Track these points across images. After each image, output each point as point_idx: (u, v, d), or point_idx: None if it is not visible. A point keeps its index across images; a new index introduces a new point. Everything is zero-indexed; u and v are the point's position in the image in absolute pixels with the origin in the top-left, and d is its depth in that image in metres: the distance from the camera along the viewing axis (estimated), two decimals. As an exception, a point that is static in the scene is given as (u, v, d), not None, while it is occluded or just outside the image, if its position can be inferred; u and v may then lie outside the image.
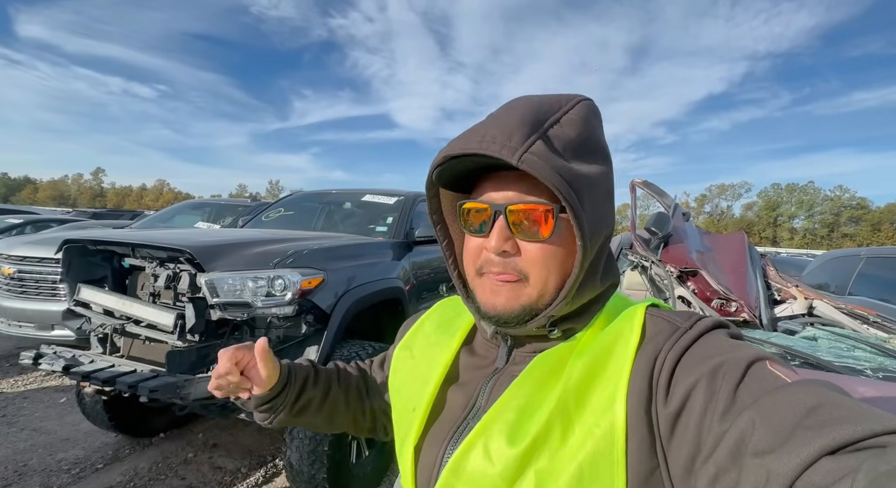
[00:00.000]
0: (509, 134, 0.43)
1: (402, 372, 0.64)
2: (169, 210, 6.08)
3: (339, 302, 2.09)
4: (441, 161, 0.48)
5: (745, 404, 0.36)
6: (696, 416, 0.38)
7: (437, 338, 0.63)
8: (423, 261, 2.97)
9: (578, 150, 0.46)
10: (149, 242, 1.95)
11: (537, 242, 0.47)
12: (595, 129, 0.49)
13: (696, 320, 0.47)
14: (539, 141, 0.44)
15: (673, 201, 3.10)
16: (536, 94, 0.50)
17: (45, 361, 1.86)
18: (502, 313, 0.49)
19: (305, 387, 0.67)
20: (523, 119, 0.45)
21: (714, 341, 0.44)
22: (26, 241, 3.81)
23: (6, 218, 7.23)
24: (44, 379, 3.60)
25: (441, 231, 0.57)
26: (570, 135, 0.46)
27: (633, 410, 0.42)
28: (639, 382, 0.43)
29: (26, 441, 2.66)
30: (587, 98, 0.51)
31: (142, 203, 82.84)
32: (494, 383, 0.53)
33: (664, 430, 0.41)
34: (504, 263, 0.48)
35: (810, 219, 58.82)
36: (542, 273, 0.47)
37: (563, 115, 0.47)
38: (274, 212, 3.65)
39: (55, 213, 11.84)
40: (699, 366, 0.41)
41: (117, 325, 1.98)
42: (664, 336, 0.45)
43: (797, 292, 2.43)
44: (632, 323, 0.48)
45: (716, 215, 65.42)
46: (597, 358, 0.47)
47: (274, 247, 2.14)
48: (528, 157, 0.42)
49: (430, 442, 0.54)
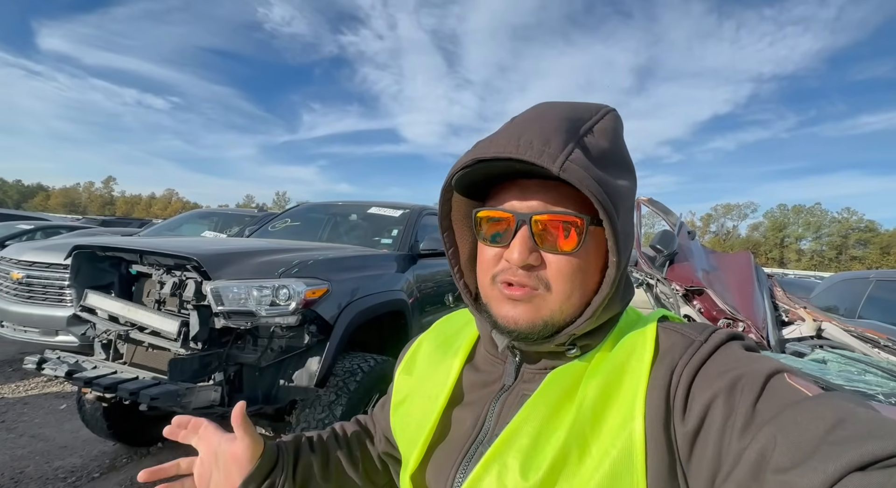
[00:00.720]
0: (546, 139, 0.41)
1: (405, 398, 0.60)
2: (177, 219, 6.16)
3: (342, 313, 2.08)
4: (469, 163, 0.45)
5: (765, 419, 0.34)
6: (715, 433, 0.37)
7: (438, 357, 0.60)
8: (427, 274, 2.97)
9: (611, 162, 0.44)
10: (156, 249, 1.97)
11: (563, 255, 0.44)
12: (623, 141, 0.48)
13: (711, 332, 0.45)
14: (577, 149, 0.41)
15: (678, 219, 3.09)
16: (561, 101, 0.48)
17: (48, 366, 1.86)
18: (523, 328, 0.46)
19: (300, 454, 0.60)
20: (559, 124, 0.43)
21: (730, 354, 0.42)
22: (36, 247, 3.86)
23: (17, 223, 7.35)
24: (45, 386, 3.59)
25: (448, 238, 0.54)
26: (603, 145, 0.44)
27: (651, 427, 0.40)
28: (655, 398, 0.41)
29: (24, 447, 2.64)
30: (613, 108, 0.49)
31: (150, 212, 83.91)
32: (503, 403, 0.50)
33: (683, 448, 0.39)
34: (527, 275, 0.45)
35: (818, 240, 58.32)
36: (567, 287, 0.45)
37: (594, 123, 0.45)
38: (280, 222, 3.69)
39: (65, 220, 12.00)
40: (716, 380, 0.39)
41: (121, 332, 1.99)
42: (679, 349, 0.44)
43: (805, 314, 2.40)
44: (644, 337, 0.46)
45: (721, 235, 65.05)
46: (611, 376, 0.45)
47: (279, 256, 2.16)
48: (569, 165, 0.40)
49: (437, 465, 0.52)
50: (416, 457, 0.53)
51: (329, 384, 1.96)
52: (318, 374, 1.93)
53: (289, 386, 1.96)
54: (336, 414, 1.91)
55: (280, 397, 1.95)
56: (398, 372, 0.64)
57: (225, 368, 1.89)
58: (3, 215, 9.29)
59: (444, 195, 0.51)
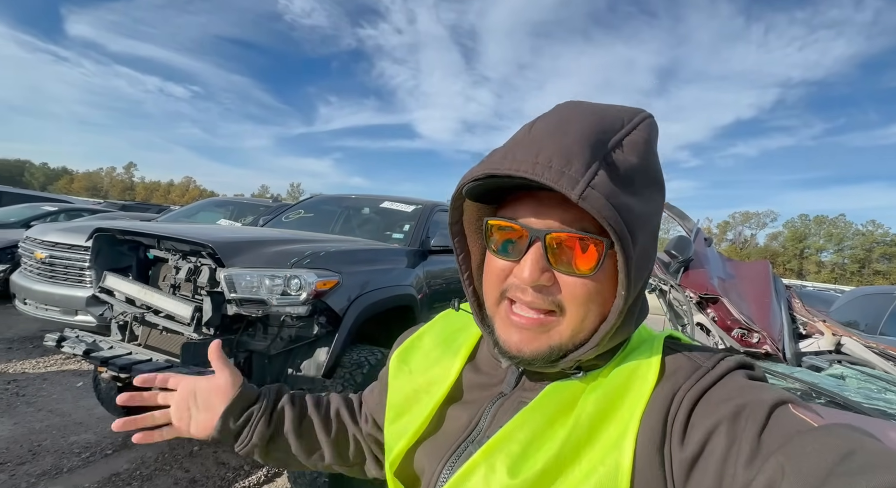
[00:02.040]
0: (568, 158, 0.38)
1: (401, 389, 0.59)
2: (193, 206, 6.27)
3: (351, 305, 2.10)
4: (480, 176, 0.41)
5: (771, 450, 0.34)
6: (716, 461, 0.36)
7: (438, 354, 0.58)
8: (437, 270, 2.97)
9: (639, 181, 0.41)
10: (173, 235, 2.02)
11: (579, 277, 0.42)
12: (655, 154, 0.44)
13: (719, 359, 0.44)
14: (602, 170, 0.38)
15: (695, 225, 3.03)
16: (590, 102, 0.44)
17: (67, 344, 1.92)
18: (526, 355, 0.44)
19: (280, 401, 0.64)
20: (584, 139, 0.39)
21: (735, 382, 0.41)
22: (59, 228, 3.98)
23: (42, 205, 7.58)
24: (63, 363, 3.71)
25: (459, 243, 0.51)
26: (633, 161, 0.40)
27: (642, 450, 0.39)
28: (652, 421, 0.40)
29: (42, 421, 2.73)
30: (650, 114, 0.45)
31: (168, 198, 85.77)
32: (499, 407, 0.50)
33: (678, 474, 0.38)
34: (537, 295, 0.42)
35: (839, 253, 56.65)
36: (581, 311, 0.43)
37: (625, 135, 0.41)
38: (294, 213, 3.73)
39: (87, 203, 12.34)
40: (719, 408, 0.39)
41: (137, 314, 2.04)
42: (684, 374, 0.43)
43: (824, 327, 2.33)
44: (650, 359, 0.45)
45: (739, 243, 63.63)
46: (612, 394, 0.44)
47: (292, 247, 2.18)
48: (590, 193, 0.36)
49: (425, 458, 0.52)
50: (402, 446, 0.53)
51: (336, 375, 1.98)
52: (325, 365, 1.95)
53: (297, 376, 1.98)
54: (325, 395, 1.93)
55: (288, 385, 1.97)
56: (394, 358, 0.62)
57: (235, 355, 1.92)
58: (29, 196, 9.59)
59: (454, 202, 0.48)
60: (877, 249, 53.55)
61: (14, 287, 3.84)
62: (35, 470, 2.24)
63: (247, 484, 2.33)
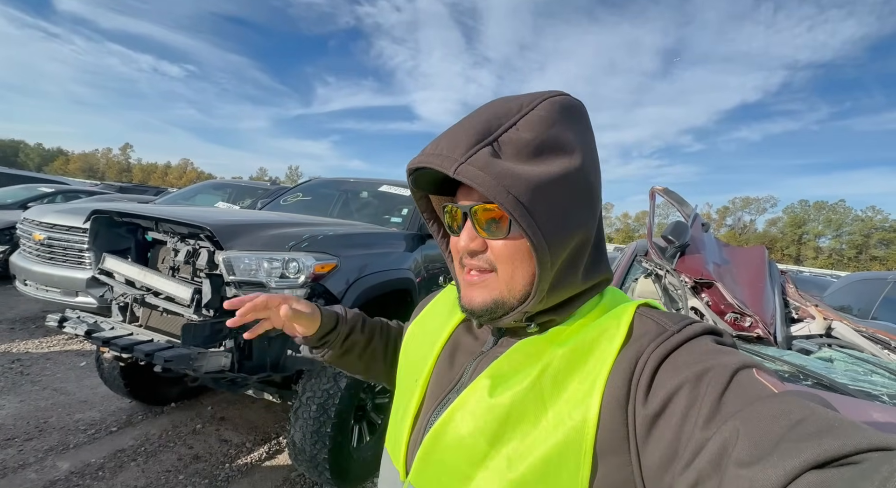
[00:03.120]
0: (455, 144, 0.45)
1: (411, 346, 0.68)
2: (191, 188, 6.23)
3: (350, 288, 2.12)
4: (408, 173, 0.52)
5: (729, 412, 0.36)
6: (676, 420, 0.38)
7: (445, 316, 0.66)
8: (435, 254, 2.98)
9: (535, 152, 0.45)
10: (172, 217, 2.01)
11: (500, 240, 0.49)
12: (559, 126, 0.47)
13: (686, 324, 0.46)
14: (485, 149, 0.44)
15: (693, 211, 3.03)
16: (511, 95, 0.50)
17: (69, 325, 1.94)
18: (476, 307, 0.51)
19: (353, 331, 0.75)
20: (475, 128, 0.46)
21: (701, 346, 0.44)
22: (57, 210, 3.96)
23: (38, 186, 7.52)
24: (66, 343, 3.76)
25: (435, 227, 0.60)
26: (526, 137, 0.45)
27: (606, 407, 0.42)
28: (617, 380, 0.43)
29: (48, 400, 2.79)
30: (558, 94, 0.50)
31: (166, 180, 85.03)
32: (478, 364, 0.55)
33: (640, 430, 0.41)
34: (476, 259, 0.51)
35: (837, 239, 56.77)
36: (508, 268, 0.49)
37: (520, 117, 0.47)
38: (292, 196, 3.71)
39: (84, 185, 12.23)
40: (683, 370, 0.41)
41: (137, 296, 2.05)
42: (650, 337, 0.45)
43: (816, 312, 2.37)
44: (619, 320, 0.48)
45: (738, 228, 63.67)
46: (578, 349, 0.47)
47: (290, 230, 2.18)
48: (464, 168, 0.43)
49: (422, 411, 0.58)
50: (416, 400, 0.59)
51: (335, 356, 2.01)
52: (324, 346, 1.98)
53: (296, 357, 2.01)
54: (341, 385, 1.97)
55: (287, 366, 2.01)
56: (413, 323, 0.72)
57: (235, 336, 1.95)
58: (25, 178, 9.50)
59: (415, 194, 0.57)
60: (875, 235, 53.64)
61: (14, 268, 3.85)
62: (42, 446, 2.31)
63: (248, 461, 2.40)
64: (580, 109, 0.51)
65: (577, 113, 0.50)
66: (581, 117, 0.51)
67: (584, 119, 0.51)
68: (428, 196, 0.58)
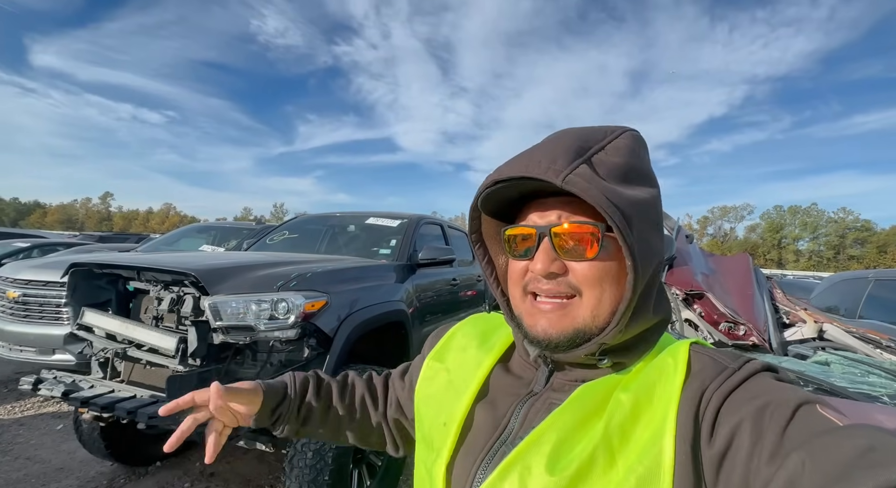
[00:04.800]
0: (553, 158, 0.45)
1: (433, 384, 0.62)
2: (174, 233, 6.14)
3: (342, 325, 2.07)
4: (489, 184, 0.49)
5: (793, 445, 0.35)
6: (742, 457, 0.38)
7: (473, 351, 0.62)
8: (426, 283, 2.96)
9: (624, 176, 0.46)
10: (154, 265, 1.97)
11: (585, 261, 0.47)
12: (642, 158, 0.50)
13: (745, 362, 0.46)
14: (584, 165, 0.44)
15: (676, 223, 3.10)
16: (581, 127, 0.52)
17: (44, 386, 1.84)
18: (553, 337, 0.47)
19: (305, 398, 0.69)
20: (568, 145, 0.46)
21: (762, 383, 0.43)
22: (32, 265, 3.84)
23: (14, 242, 7.31)
24: (41, 406, 3.54)
25: (480, 250, 0.58)
26: (616, 161, 0.46)
27: (680, 446, 0.41)
28: (685, 418, 0.42)
29: (20, 470, 2.59)
30: (633, 129, 0.51)
31: (148, 226, 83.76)
32: (529, 407, 0.51)
33: (709, 471, 0.40)
34: (554, 283, 0.47)
35: (815, 241, 58.55)
36: (596, 291, 0.46)
37: (608, 142, 0.48)
38: (278, 235, 3.69)
39: (62, 237, 11.96)
40: (745, 405, 0.40)
41: (119, 349, 1.97)
42: (710, 374, 0.45)
43: (806, 315, 2.40)
44: (676, 358, 0.47)
45: (719, 237, 65.26)
46: (642, 394, 0.46)
47: (278, 270, 2.15)
48: (571, 178, 0.43)
49: (458, 461, 0.53)
50: (449, 447, 0.54)
51: (330, 398, 1.94)
52: (318, 388, 1.91)
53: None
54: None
55: (280, 412, 1.93)
56: (429, 358, 0.66)
57: (224, 384, 1.87)
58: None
59: (472, 213, 0.55)
60: (849, 235, 55.54)
61: (-14, 329, 3.67)
62: (14, 524, 2.12)
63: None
64: (647, 147, 0.52)
65: (647, 149, 0.52)
66: (648, 154, 0.52)
67: (649, 155, 0.52)
68: (480, 220, 0.56)
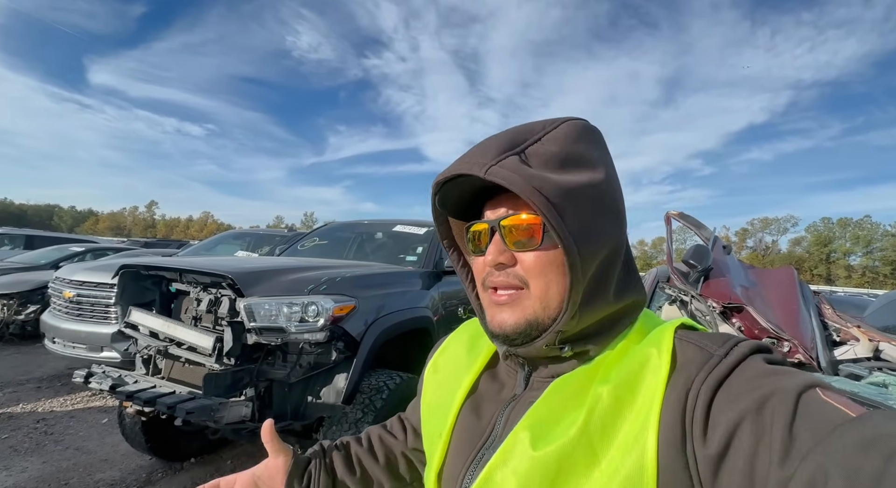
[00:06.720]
0: (485, 153, 0.46)
1: (431, 396, 0.64)
2: (212, 240, 6.45)
3: (368, 329, 2.10)
4: (435, 188, 0.51)
5: (808, 445, 0.32)
6: (744, 459, 0.35)
7: (463, 359, 0.62)
8: (451, 291, 2.96)
9: (561, 163, 0.46)
10: (194, 268, 2.07)
11: (530, 251, 0.47)
12: (582, 144, 0.48)
13: (732, 345, 0.42)
14: (513, 156, 0.45)
15: (712, 234, 2.98)
16: (529, 122, 0.52)
17: (94, 380, 1.96)
18: (508, 331, 0.48)
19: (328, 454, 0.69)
20: (503, 140, 0.47)
21: (754, 369, 0.40)
22: (86, 267, 4.13)
23: (70, 246, 7.90)
24: (89, 400, 3.77)
25: (455, 255, 0.58)
26: (552, 149, 0.46)
27: (664, 451, 0.38)
28: (669, 419, 0.39)
29: (69, 460, 2.76)
30: (578, 118, 0.51)
31: (188, 233, 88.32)
32: (511, 410, 0.51)
33: (705, 473, 0.37)
34: (504, 274, 0.48)
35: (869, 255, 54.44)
36: (541, 279, 0.47)
37: (545, 134, 0.48)
38: (309, 241, 3.80)
39: (112, 243, 12.81)
40: (741, 399, 0.37)
41: (161, 347, 2.08)
42: (696, 365, 0.41)
43: (860, 333, 2.23)
44: (660, 348, 0.44)
45: (760, 250, 61.84)
46: (624, 387, 0.43)
47: (308, 274, 2.21)
48: (494, 169, 0.43)
49: (448, 469, 0.54)
50: (439, 456, 0.55)
51: (356, 401, 1.96)
52: (345, 391, 1.94)
53: (316, 403, 1.97)
54: (363, 431, 1.90)
55: (308, 414, 1.97)
56: (427, 372, 0.68)
57: (256, 384, 1.93)
58: (57, 239, 10.01)
59: (437, 219, 0.56)
60: (908, 250, 51.34)
61: (44, 326, 3.97)
62: (62, 510, 2.25)
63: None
64: (598, 133, 0.52)
65: (597, 136, 0.51)
66: (600, 140, 0.51)
67: (602, 142, 0.51)
68: (448, 225, 0.57)
